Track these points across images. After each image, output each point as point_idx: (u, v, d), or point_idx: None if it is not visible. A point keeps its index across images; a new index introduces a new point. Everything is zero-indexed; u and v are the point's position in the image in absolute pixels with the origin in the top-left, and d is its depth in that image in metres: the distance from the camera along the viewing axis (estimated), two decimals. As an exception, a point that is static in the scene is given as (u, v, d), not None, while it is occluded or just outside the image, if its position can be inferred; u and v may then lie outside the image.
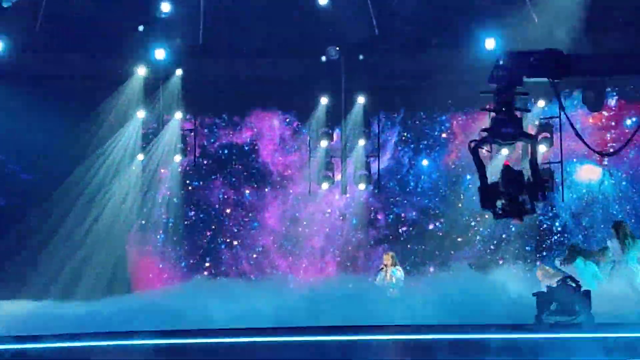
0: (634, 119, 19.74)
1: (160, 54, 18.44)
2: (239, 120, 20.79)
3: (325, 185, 19.71)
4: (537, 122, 18.69)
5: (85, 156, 19.10)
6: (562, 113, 15.85)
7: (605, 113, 19.75)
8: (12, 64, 18.05)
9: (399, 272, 16.29)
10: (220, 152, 21.03)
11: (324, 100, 19.42)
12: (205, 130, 20.84)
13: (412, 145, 20.87)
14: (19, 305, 14.29)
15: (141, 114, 19.34)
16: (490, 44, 17.86)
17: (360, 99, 19.46)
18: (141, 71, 18.75)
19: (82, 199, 19.03)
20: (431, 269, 20.04)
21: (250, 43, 18.57)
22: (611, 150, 19.24)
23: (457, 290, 13.64)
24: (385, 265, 16.34)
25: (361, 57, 18.84)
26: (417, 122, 20.83)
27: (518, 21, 17.51)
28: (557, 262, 14.79)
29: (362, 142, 19.68)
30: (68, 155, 18.80)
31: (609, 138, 19.97)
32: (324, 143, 19.67)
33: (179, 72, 19.01)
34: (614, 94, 19.61)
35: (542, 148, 18.03)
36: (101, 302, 14.48)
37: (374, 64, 19.05)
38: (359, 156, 19.78)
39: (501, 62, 8.33)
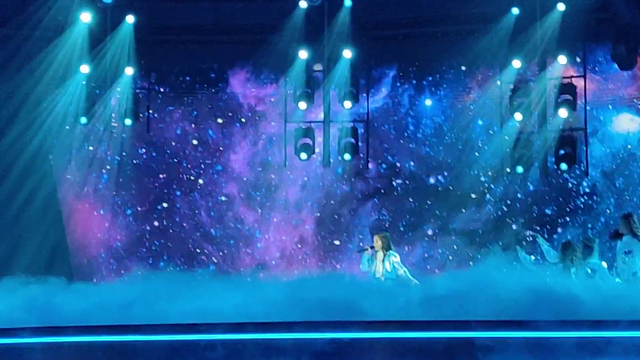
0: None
1: None
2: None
3: (303, 156, 18.04)
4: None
5: (18, 118, 17.61)
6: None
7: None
8: None
9: (395, 258, 14.04)
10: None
11: (302, 55, 17.77)
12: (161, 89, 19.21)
13: (413, 82, 18.94)
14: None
15: (85, 68, 17.62)
16: None
17: (347, 53, 17.74)
18: (85, 17, 17.17)
19: (16, 168, 17.53)
20: (429, 232, 18.52)
21: None
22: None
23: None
24: (372, 247, 14.23)
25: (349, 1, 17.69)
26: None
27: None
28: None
29: (348, 105, 18.05)
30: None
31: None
32: (302, 105, 18.02)
33: (130, 18, 17.50)
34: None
35: (562, 112, 17.26)
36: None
37: (364, 10, 18.00)
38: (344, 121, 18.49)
39: None
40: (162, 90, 19.06)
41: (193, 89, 19.24)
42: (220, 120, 19.19)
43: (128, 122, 18.09)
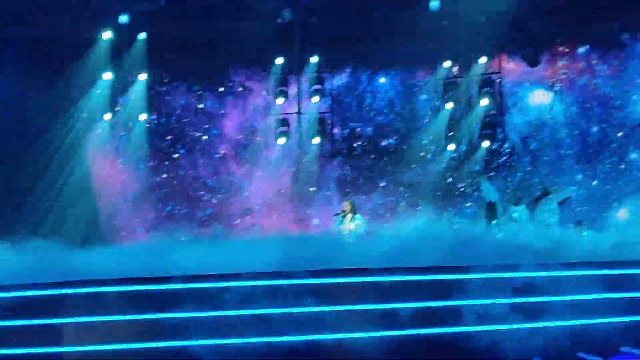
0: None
1: (124, 18, 18.05)
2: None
3: (281, 141, 19.28)
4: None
5: (58, 115, 18.52)
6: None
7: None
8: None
9: (359, 221, 14.71)
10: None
11: (278, 60, 19.01)
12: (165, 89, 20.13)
13: (370, 64, 19.97)
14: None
15: (108, 75, 18.69)
16: (434, 3, 17.83)
17: (313, 58, 18.95)
18: (106, 35, 18.21)
19: (56, 158, 18.44)
20: (382, 184, 19.72)
21: (208, 6, 17.96)
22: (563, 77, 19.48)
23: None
24: (344, 211, 14.76)
25: (313, 18, 18.45)
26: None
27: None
28: None
29: (315, 99, 19.29)
30: (42, 114, 18.12)
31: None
32: (279, 101, 19.29)
33: (142, 35, 18.53)
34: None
35: (484, 102, 18.43)
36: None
37: (326, 26, 18.39)
38: (312, 113, 19.52)
39: None
40: (171, 85, 19.79)
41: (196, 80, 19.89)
42: (216, 94, 19.92)
43: (142, 117, 19.11)
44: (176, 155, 20.00)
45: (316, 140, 19.31)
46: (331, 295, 10.52)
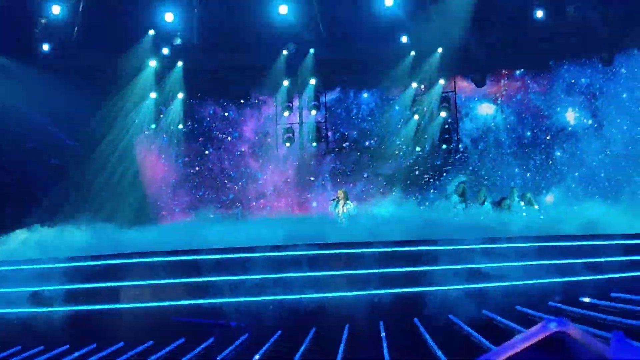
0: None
1: (165, 51, 18.08)
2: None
3: (287, 144, 19.06)
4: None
5: (114, 126, 18.36)
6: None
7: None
8: (58, 61, 17.33)
9: (350, 206, 14.42)
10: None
11: (285, 82, 18.72)
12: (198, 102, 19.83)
13: (356, 84, 19.71)
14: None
15: (153, 94, 18.63)
16: (404, 39, 17.71)
17: (312, 81, 18.78)
18: (152, 63, 18.13)
19: (113, 158, 18.32)
20: (365, 175, 19.37)
21: (230, 41, 17.71)
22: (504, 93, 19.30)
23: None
24: (338, 198, 14.58)
25: (312, 50, 18.33)
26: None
27: (420, 22, 17.13)
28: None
29: (313, 112, 19.12)
30: (101, 126, 17.95)
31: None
32: (286, 113, 19.01)
33: (180, 63, 18.43)
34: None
35: (442, 113, 18.44)
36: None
37: (321, 56, 18.34)
38: (311, 122, 19.31)
39: None
40: (203, 99, 19.57)
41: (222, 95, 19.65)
42: (237, 105, 19.71)
43: (180, 126, 19.03)
44: (206, 152, 19.83)
45: (314, 142, 19.20)
46: (324, 263, 10.51)
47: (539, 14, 16.72)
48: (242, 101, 19.58)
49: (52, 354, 9.27)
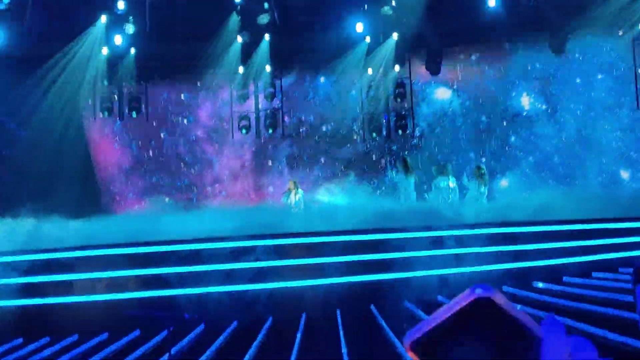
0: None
1: (118, 39, 17.65)
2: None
3: (244, 131, 18.73)
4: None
5: (65, 114, 17.75)
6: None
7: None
8: (9, 50, 16.71)
9: (300, 195, 14.78)
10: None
11: (240, 70, 18.48)
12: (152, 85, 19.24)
13: (312, 69, 19.35)
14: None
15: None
16: (359, 27, 17.52)
17: (267, 67, 18.44)
18: (104, 51, 17.73)
19: (65, 145, 17.51)
20: (322, 160, 19.32)
21: (183, 29, 17.45)
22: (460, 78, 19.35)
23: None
24: (290, 189, 14.87)
25: (267, 37, 18.05)
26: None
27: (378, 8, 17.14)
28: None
29: (269, 98, 18.94)
30: (51, 114, 17.37)
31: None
32: (241, 100, 18.84)
33: (132, 50, 17.96)
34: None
35: (398, 98, 18.31)
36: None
37: (276, 42, 18.08)
38: (267, 109, 19.08)
39: None
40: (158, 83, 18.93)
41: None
42: (193, 88, 19.32)
43: (134, 111, 18.28)
44: (161, 136, 19.52)
45: (270, 128, 18.97)
46: (280, 253, 10.59)
47: (491, 2, 16.82)
48: (198, 83, 19.06)
49: (5, 348, 9.21)
